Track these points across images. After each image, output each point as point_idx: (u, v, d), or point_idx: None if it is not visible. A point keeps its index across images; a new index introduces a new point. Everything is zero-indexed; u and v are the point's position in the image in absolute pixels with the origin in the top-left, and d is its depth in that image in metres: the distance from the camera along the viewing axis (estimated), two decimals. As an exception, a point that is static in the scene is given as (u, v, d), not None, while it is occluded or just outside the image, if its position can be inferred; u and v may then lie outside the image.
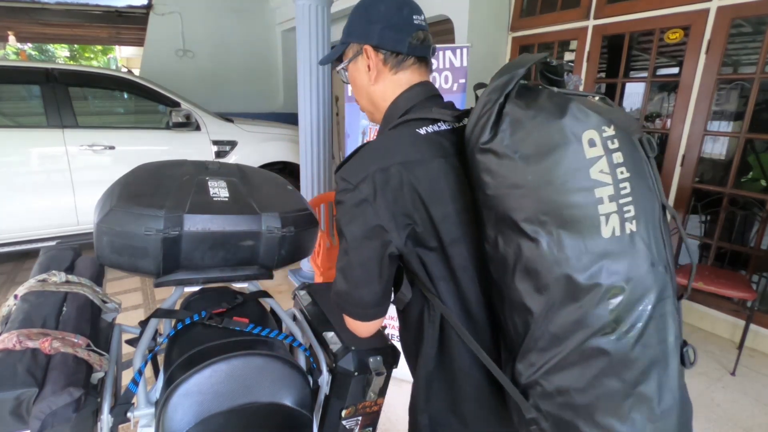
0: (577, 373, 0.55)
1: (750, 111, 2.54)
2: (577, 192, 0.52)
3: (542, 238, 0.54)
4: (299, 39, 2.92)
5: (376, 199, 0.63)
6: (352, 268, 0.67)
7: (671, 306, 0.55)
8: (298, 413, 0.84)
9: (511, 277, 0.58)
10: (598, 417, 0.54)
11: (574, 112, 0.53)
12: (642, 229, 0.53)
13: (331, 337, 0.97)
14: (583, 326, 0.53)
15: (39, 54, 14.81)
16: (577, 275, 0.53)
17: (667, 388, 0.54)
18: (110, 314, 1.03)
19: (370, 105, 0.81)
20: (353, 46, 0.78)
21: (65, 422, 0.68)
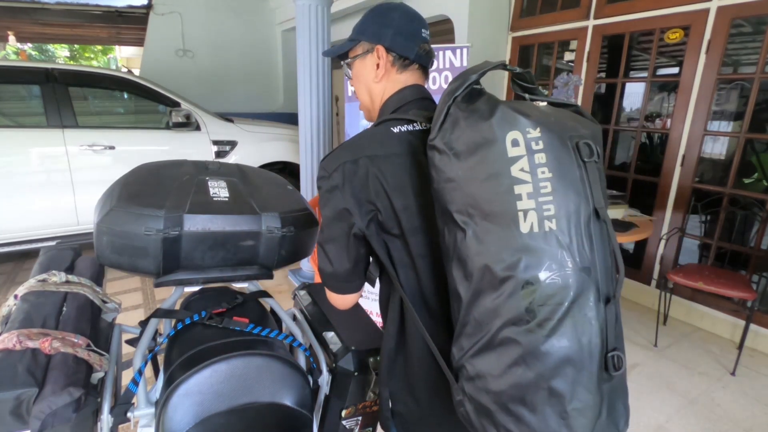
0: (493, 360, 0.58)
1: (750, 111, 2.54)
2: (498, 187, 0.56)
3: (469, 228, 0.58)
4: (299, 39, 2.92)
5: (344, 186, 0.72)
6: (326, 243, 0.77)
7: (593, 308, 0.56)
8: (298, 413, 0.84)
9: (450, 265, 0.62)
10: (510, 404, 0.57)
11: (501, 114, 0.57)
12: (562, 229, 0.55)
13: (331, 337, 0.97)
14: (499, 315, 0.56)
15: (39, 54, 14.81)
16: (494, 266, 0.56)
17: (582, 388, 0.55)
18: (110, 314, 1.03)
19: (369, 101, 0.88)
20: (364, 44, 0.84)
21: (65, 422, 0.68)
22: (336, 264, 0.77)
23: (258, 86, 6.22)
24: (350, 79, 0.90)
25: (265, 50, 6.17)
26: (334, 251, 0.76)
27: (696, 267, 2.64)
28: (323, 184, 0.74)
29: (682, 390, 2.19)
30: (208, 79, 5.70)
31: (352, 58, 0.86)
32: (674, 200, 2.90)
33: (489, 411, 0.59)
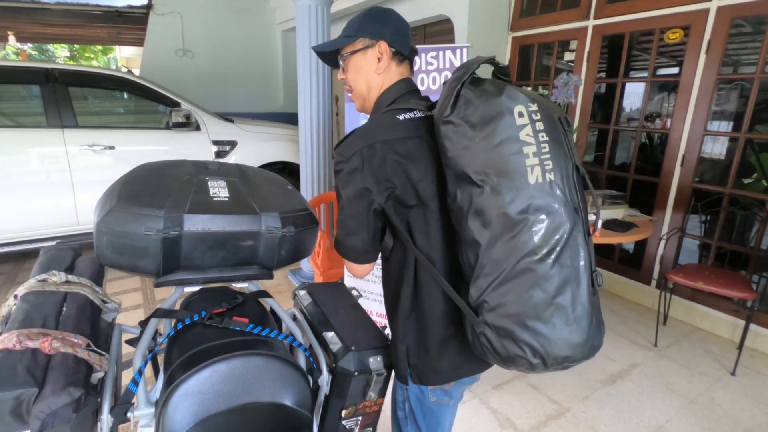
0: (513, 288, 0.71)
1: (750, 111, 2.54)
2: (510, 149, 0.71)
3: (486, 185, 0.72)
4: (299, 39, 2.92)
5: (363, 168, 0.83)
6: (346, 220, 0.88)
7: (582, 239, 0.73)
8: (298, 413, 0.84)
9: (465, 220, 0.75)
10: (528, 322, 0.71)
11: (508, 92, 0.74)
12: (558, 179, 0.72)
13: (331, 337, 0.97)
14: (516, 251, 0.70)
15: (39, 54, 14.81)
16: (510, 212, 0.70)
17: (578, 301, 0.72)
18: (110, 314, 1.03)
19: (366, 91, 0.98)
20: (364, 40, 0.94)
21: (65, 422, 0.68)
22: (357, 237, 0.88)
23: (258, 86, 6.22)
24: (345, 71, 0.99)
25: (265, 50, 6.17)
26: (354, 226, 0.87)
27: (696, 267, 2.64)
28: (343, 167, 0.84)
29: (682, 390, 2.19)
30: (208, 79, 5.70)
31: (351, 52, 0.96)
32: (674, 200, 2.90)
33: (511, 331, 0.72)
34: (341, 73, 1.01)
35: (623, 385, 2.21)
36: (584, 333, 0.72)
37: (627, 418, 1.98)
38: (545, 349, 0.71)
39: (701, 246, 3.11)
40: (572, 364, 0.73)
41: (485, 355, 0.78)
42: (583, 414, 1.99)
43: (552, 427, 1.91)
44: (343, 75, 1.01)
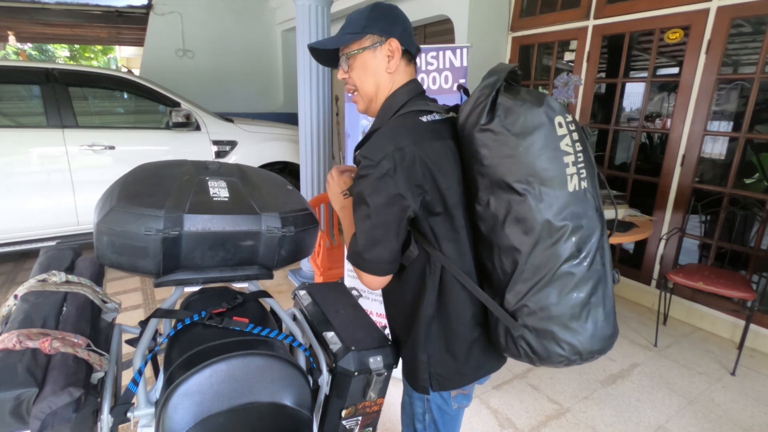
0: (554, 292, 0.74)
1: (750, 111, 2.54)
2: (552, 158, 0.73)
3: (529, 193, 0.73)
4: (299, 39, 2.92)
5: (396, 173, 0.79)
6: (373, 230, 0.82)
7: (606, 240, 0.78)
8: (298, 413, 0.84)
9: (501, 227, 0.77)
10: (569, 323, 0.75)
11: (548, 102, 0.74)
12: (589, 186, 0.76)
13: (331, 337, 0.97)
14: (556, 256, 0.73)
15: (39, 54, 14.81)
16: (553, 219, 0.73)
17: (607, 298, 0.77)
18: (110, 314, 1.03)
19: (374, 92, 0.93)
20: (372, 37, 0.90)
21: (65, 422, 0.68)
22: (384, 247, 0.83)
23: (258, 86, 6.21)
24: (348, 70, 0.94)
25: (265, 50, 6.17)
26: (382, 236, 0.82)
27: (696, 267, 2.64)
28: (371, 172, 0.79)
29: (682, 390, 2.19)
30: (208, 79, 5.70)
31: (359, 50, 0.90)
32: (674, 200, 2.90)
33: (552, 333, 0.75)
34: (342, 72, 0.96)
35: (623, 385, 2.21)
36: (612, 326, 0.78)
37: (627, 418, 1.98)
38: (583, 346, 0.75)
39: (701, 246, 3.11)
40: (602, 355, 0.79)
41: (519, 356, 0.80)
42: (583, 414, 1.99)
43: (552, 427, 1.91)
44: (345, 74, 0.96)
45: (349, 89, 0.98)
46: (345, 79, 0.96)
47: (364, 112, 0.99)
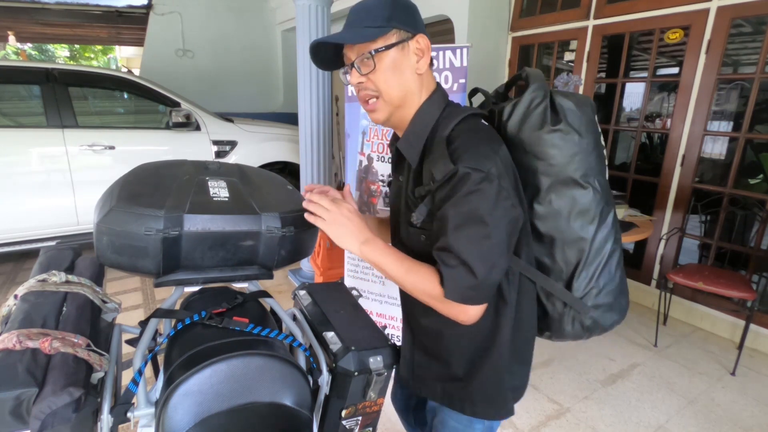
0: (607, 271, 0.82)
1: (750, 111, 2.54)
2: (602, 153, 0.83)
3: (590, 186, 0.79)
4: (299, 39, 2.92)
5: (505, 180, 0.73)
6: (492, 250, 0.71)
7: None
8: (298, 413, 0.84)
9: (567, 222, 0.81)
10: (620, 296, 0.85)
11: (591, 103, 0.82)
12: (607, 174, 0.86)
13: (331, 337, 0.97)
14: (609, 238, 0.82)
15: (39, 54, 14.81)
16: (607, 206, 0.81)
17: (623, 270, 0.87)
18: (110, 314, 1.03)
19: (402, 96, 0.81)
20: (398, 32, 0.78)
21: (65, 422, 0.67)
22: (500, 268, 0.74)
23: (258, 86, 6.21)
24: (369, 72, 0.78)
25: (265, 50, 6.17)
26: (500, 254, 0.72)
27: (696, 267, 2.64)
28: (484, 186, 0.70)
29: (682, 390, 2.19)
30: (208, 79, 5.70)
31: (386, 46, 0.77)
32: (674, 200, 2.90)
33: (611, 303, 0.84)
34: (356, 75, 0.80)
35: (623, 385, 2.21)
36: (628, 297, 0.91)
37: (627, 418, 1.98)
38: (624, 308, 0.86)
39: (701, 246, 3.11)
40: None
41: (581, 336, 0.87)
42: (583, 414, 1.99)
43: (552, 427, 1.91)
44: (362, 77, 0.79)
45: (365, 96, 0.82)
46: (361, 83, 0.81)
47: (385, 121, 0.84)
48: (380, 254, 0.80)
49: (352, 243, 0.81)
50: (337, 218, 0.81)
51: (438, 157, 0.75)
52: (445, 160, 0.73)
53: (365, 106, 0.85)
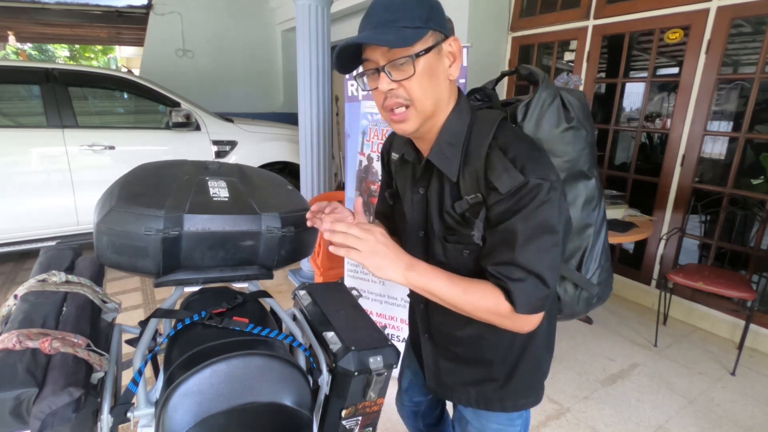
0: (605, 245, 0.87)
1: (750, 111, 2.54)
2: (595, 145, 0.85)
3: (594, 175, 0.83)
4: (299, 39, 2.92)
5: (561, 186, 0.74)
6: (558, 257, 0.72)
7: None
8: (298, 413, 0.84)
9: (577, 211, 0.82)
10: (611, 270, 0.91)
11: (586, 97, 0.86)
12: None
13: (331, 337, 0.97)
14: (602, 217, 0.86)
15: (39, 54, 14.81)
16: (600, 190, 0.85)
17: None
18: (110, 314, 1.03)
19: (434, 106, 0.74)
20: (435, 34, 0.71)
21: (65, 422, 0.67)
22: (557, 275, 0.74)
23: (258, 86, 6.22)
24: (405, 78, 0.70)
25: (265, 50, 6.17)
26: (561, 259, 0.74)
27: (696, 267, 2.64)
28: (553, 195, 0.68)
29: (682, 390, 2.19)
30: (208, 79, 5.70)
31: (426, 50, 0.70)
32: (674, 200, 2.90)
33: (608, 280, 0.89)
34: (386, 81, 0.70)
35: (623, 385, 2.21)
36: None
37: (627, 418, 1.98)
38: (612, 280, 0.91)
39: (701, 246, 3.11)
40: None
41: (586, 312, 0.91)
42: (583, 414, 1.99)
43: (552, 427, 1.91)
44: (394, 84, 0.71)
45: (394, 104, 0.73)
46: (392, 90, 0.72)
47: (413, 133, 0.76)
48: (429, 278, 0.72)
49: (396, 272, 0.71)
50: (373, 247, 0.69)
51: (500, 168, 0.69)
52: (511, 171, 0.68)
53: (391, 116, 0.75)
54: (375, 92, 0.75)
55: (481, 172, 0.72)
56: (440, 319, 0.91)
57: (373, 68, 0.72)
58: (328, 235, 0.71)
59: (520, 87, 3.81)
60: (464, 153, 0.76)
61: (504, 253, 0.70)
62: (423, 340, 0.98)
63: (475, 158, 0.73)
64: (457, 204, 0.76)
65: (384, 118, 0.77)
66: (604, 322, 2.85)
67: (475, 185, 0.73)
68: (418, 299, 0.95)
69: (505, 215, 0.70)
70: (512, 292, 0.70)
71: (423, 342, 0.98)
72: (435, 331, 0.94)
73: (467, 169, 0.74)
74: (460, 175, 0.75)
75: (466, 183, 0.75)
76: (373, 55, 0.71)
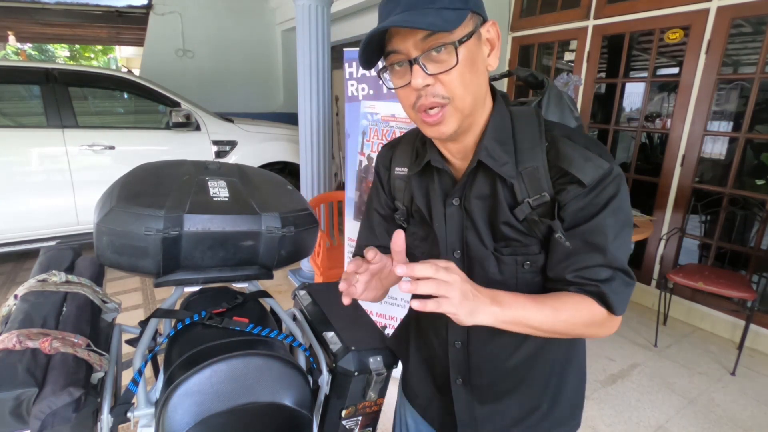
0: None
1: (750, 111, 2.54)
2: None
3: None
4: (299, 39, 2.92)
5: None
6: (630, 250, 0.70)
7: None
8: (298, 413, 0.84)
9: None
10: None
11: None
12: None
13: (331, 337, 0.97)
14: None
15: (39, 54, 14.82)
16: None
17: None
18: (110, 314, 1.03)
19: (476, 99, 0.63)
20: (474, 17, 0.60)
21: (65, 422, 0.67)
22: None
23: (258, 86, 6.22)
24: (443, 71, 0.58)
25: (265, 50, 6.17)
26: None
27: (696, 267, 2.64)
28: (621, 181, 0.62)
29: (682, 390, 2.19)
30: (208, 79, 5.70)
31: (468, 35, 0.59)
32: (674, 200, 2.90)
33: None
34: (421, 75, 0.58)
35: (623, 385, 2.21)
36: None
37: (627, 418, 1.98)
38: None
39: (701, 246, 3.11)
40: None
41: None
42: (583, 414, 1.99)
43: (552, 427, 1.91)
44: (429, 77, 0.58)
45: (431, 103, 0.60)
46: (428, 87, 0.59)
47: (450, 136, 0.64)
48: (517, 307, 0.59)
49: (486, 313, 0.56)
50: (462, 288, 0.54)
51: (580, 158, 0.61)
52: (595, 160, 0.60)
53: (424, 118, 0.62)
54: (403, 90, 0.62)
55: (543, 169, 0.64)
56: (485, 353, 0.76)
57: (401, 61, 0.60)
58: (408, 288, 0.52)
59: (519, 87, 3.81)
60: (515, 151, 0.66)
61: (594, 256, 0.62)
62: (455, 389, 0.79)
63: (529, 155, 0.65)
64: (518, 209, 0.65)
65: (413, 119, 0.65)
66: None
67: (537, 184, 0.64)
68: (455, 337, 0.76)
69: (589, 210, 0.62)
70: (606, 295, 0.62)
71: (455, 391, 0.80)
72: (476, 371, 0.77)
73: (523, 169, 0.65)
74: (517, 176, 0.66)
75: (525, 184, 0.65)
76: (403, 45, 0.58)
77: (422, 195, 0.77)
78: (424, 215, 0.76)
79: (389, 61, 0.61)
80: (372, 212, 0.87)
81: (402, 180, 0.80)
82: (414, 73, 0.58)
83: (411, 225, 0.82)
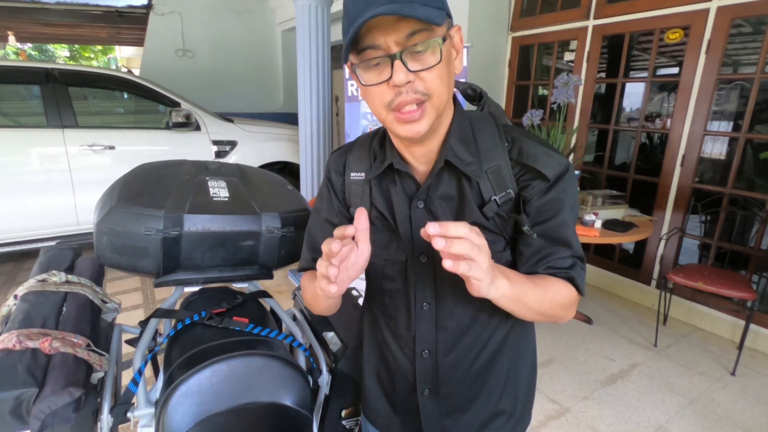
0: None
1: (750, 111, 2.54)
2: None
3: None
4: (299, 39, 2.92)
5: None
6: None
7: None
8: (298, 413, 0.84)
9: None
10: None
11: None
12: None
13: (331, 337, 0.97)
14: None
15: (39, 54, 14.81)
16: None
17: None
18: (110, 314, 1.03)
19: (449, 98, 0.65)
20: (448, 20, 0.59)
21: (65, 422, 0.68)
22: None
23: (258, 86, 6.22)
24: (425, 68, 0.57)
25: (265, 50, 6.17)
26: None
27: (696, 267, 2.64)
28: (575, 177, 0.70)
29: (682, 390, 2.19)
30: (208, 79, 5.70)
31: (445, 36, 0.58)
32: (674, 200, 2.90)
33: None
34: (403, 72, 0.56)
35: (623, 385, 2.21)
36: None
37: (627, 418, 1.98)
38: None
39: (701, 246, 3.11)
40: None
41: None
42: (583, 414, 1.99)
43: (552, 427, 1.91)
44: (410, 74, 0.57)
45: (412, 100, 0.59)
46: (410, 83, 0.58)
47: (423, 135, 0.63)
48: (521, 282, 0.60)
49: (501, 285, 0.56)
50: (488, 254, 0.52)
51: (543, 154, 0.65)
52: (555, 156, 0.65)
53: (398, 116, 0.60)
54: (377, 88, 0.59)
55: (507, 167, 0.66)
56: (450, 359, 0.74)
57: (379, 56, 0.57)
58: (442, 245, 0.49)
59: (519, 87, 3.81)
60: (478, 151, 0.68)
61: (562, 250, 0.67)
62: (422, 400, 0.76)
63: (491, 154, 0.67)
64: (486, 208, 0.66)
65: (383, 119, 0.62)
66: (604, 322, 2.85)
67: (501, 182, 0.66)
68: (423, 347, 0.74)
69: (553, 205, 0.66)
70: (575, 279, 0.66)
71: (422, 402, 0.77)
72: (444, 379, 0.75)
73: (488, 168, 0.67)
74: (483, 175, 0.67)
75: (491, 182, 0.67)
76: (383, 40, 0.56)
77: (383, 199, 0.74)
78: (385, 221, 0.73)
79: (364, 57, 0.58)
80: (322, 223, 0.79)
81: (358, 185, 0.76)
82: (396, 69, 0.56)
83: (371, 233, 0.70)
